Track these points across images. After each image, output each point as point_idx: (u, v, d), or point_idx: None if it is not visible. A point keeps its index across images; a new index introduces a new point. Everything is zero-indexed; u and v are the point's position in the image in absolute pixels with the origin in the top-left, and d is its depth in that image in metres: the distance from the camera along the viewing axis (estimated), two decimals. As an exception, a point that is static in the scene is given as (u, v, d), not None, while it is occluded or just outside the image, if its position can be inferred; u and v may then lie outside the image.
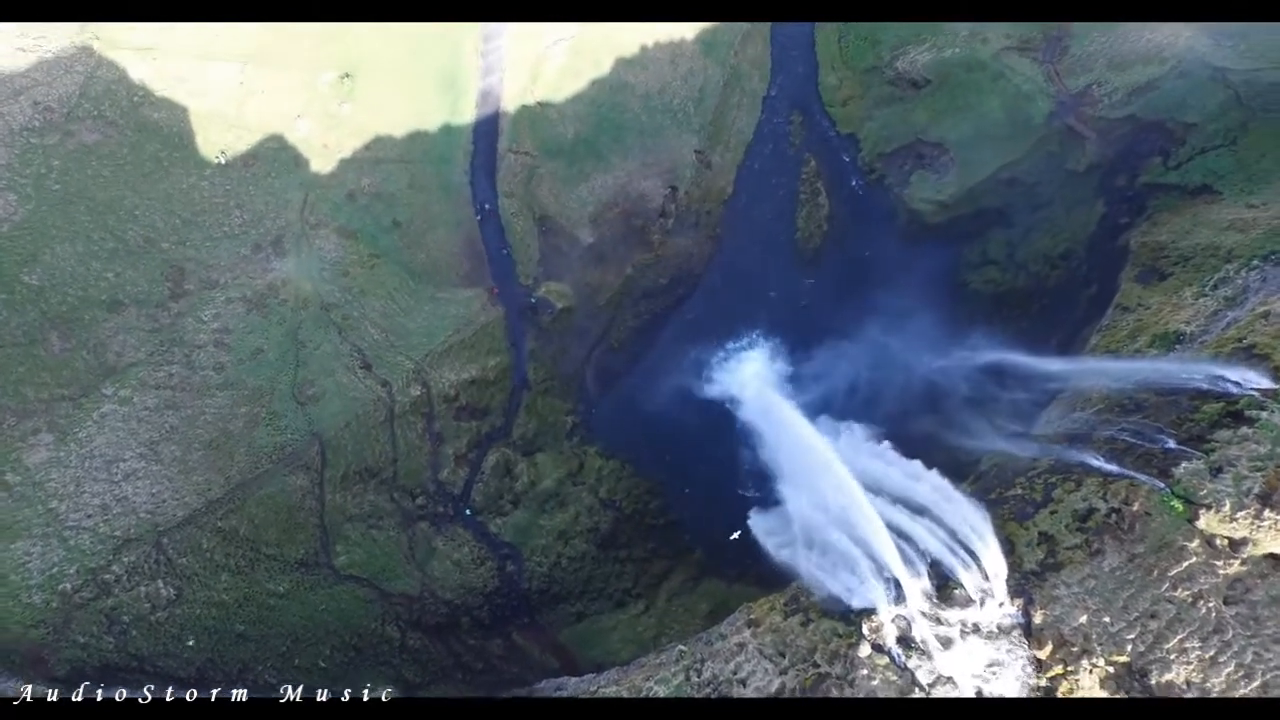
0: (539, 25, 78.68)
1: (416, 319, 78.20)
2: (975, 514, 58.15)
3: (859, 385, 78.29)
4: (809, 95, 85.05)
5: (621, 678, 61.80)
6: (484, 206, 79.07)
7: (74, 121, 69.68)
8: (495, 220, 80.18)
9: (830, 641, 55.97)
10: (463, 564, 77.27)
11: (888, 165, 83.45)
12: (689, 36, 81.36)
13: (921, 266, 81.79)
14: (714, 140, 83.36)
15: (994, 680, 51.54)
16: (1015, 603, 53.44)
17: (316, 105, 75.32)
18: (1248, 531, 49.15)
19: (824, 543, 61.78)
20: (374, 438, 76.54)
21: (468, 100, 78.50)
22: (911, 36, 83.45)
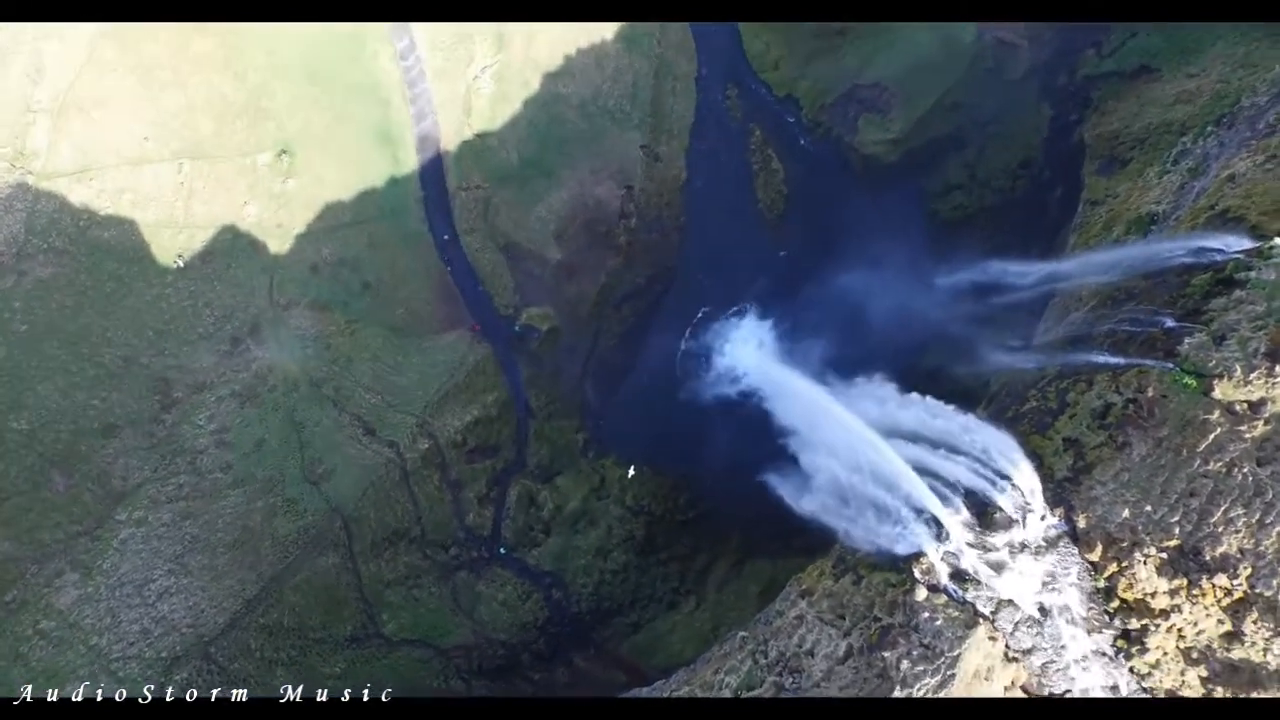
0: (459, 63, 78.44)
1: (408, 374, 77.92)
2: (997, 436, 58.30)
3: (856, 336, 78.45)
4: (739, 66, 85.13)
5: (691, 677, 61.74)
6: (444, 237, 78.83)
7: (25, 260, 69.12)
8: (462, 257, 79.89)
9: (885, 593, 55.97)
10: (509, 603, 77.14)
11: (832, 117, 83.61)
12: (609, 37, 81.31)
13: (889, 207, 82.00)
14: (657, 132, 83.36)
15: (1054, 593, 51.63)
16: (1056, 513, 53.53)
17: (260, 188, 74.97)
18: (1264, 391, 49.35)
19: (857, 498, 61.84)
20: (393, 500, 76.35)
21: (407, 150, 78.23)
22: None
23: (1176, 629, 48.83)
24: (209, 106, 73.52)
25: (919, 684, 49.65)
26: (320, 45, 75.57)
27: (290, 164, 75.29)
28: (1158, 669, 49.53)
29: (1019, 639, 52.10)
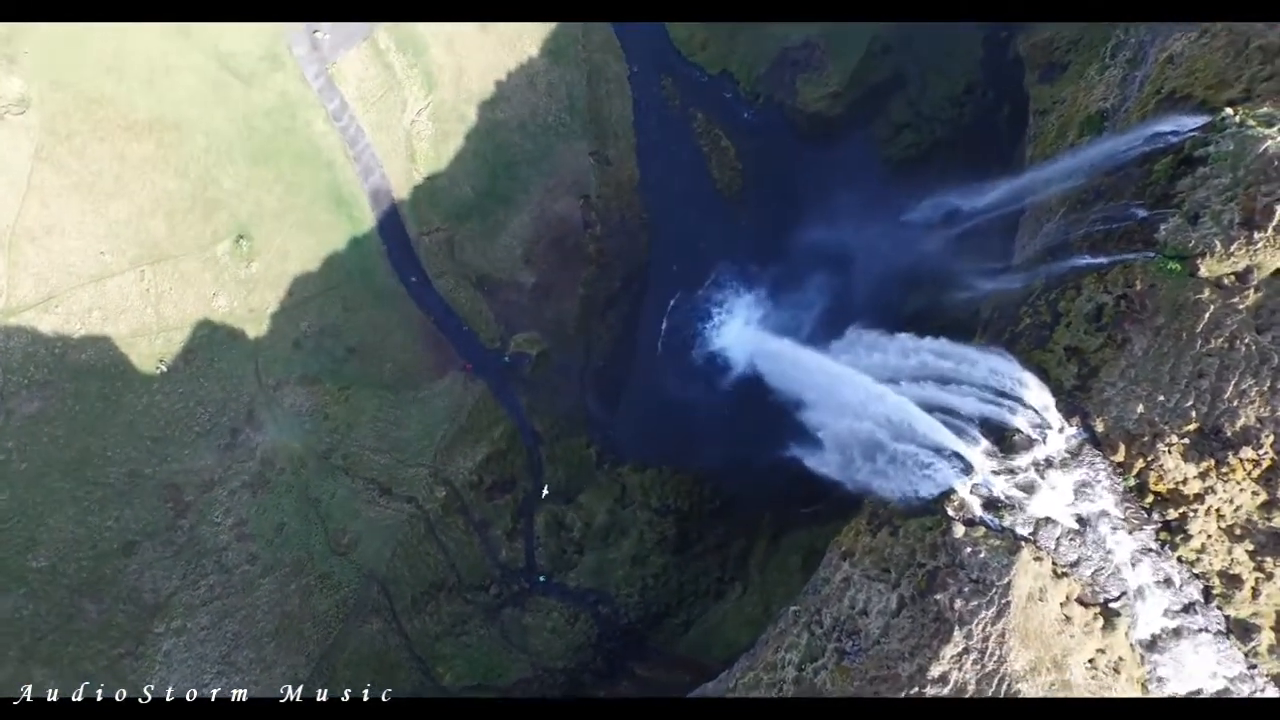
0: (394, 112, 78.24)
1: (410, 427, 77.78)
2: (998, 360, 58.53)
3: (839, 291, 78.82)
4: (668, 55, 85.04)
5: (753, 661, 61.69)
6: (412, 279, 78.61)
7: (9, 399, 68.78)
8: (439, 301, 79.79)
9: (924, 538, 56.01)
10: (559, 628, 77.09)
11: (769, 84, 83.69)
12: (535, 54, 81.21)
13: (844, 160, 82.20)
14: (602, 137, 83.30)
15: (1088, 502, 51.83)
16: (1072, 422, 53.70)
17: (226, 277, 74.72)
18: (1247, 259, 49.57)
19: (876, 451, 61.96)
20: (424, 553, 76.27)
21: (361, 208, 78.02)
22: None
23: (1214, 510, 49.08)
24: (158, 208, 73.22)
25: (976, 619, 49.73)
26: (254, 123, 75.29)
27: (250, 247, 75.05)
28: (1204, 553, 49.81)
29: (1064, 553, 52.28)
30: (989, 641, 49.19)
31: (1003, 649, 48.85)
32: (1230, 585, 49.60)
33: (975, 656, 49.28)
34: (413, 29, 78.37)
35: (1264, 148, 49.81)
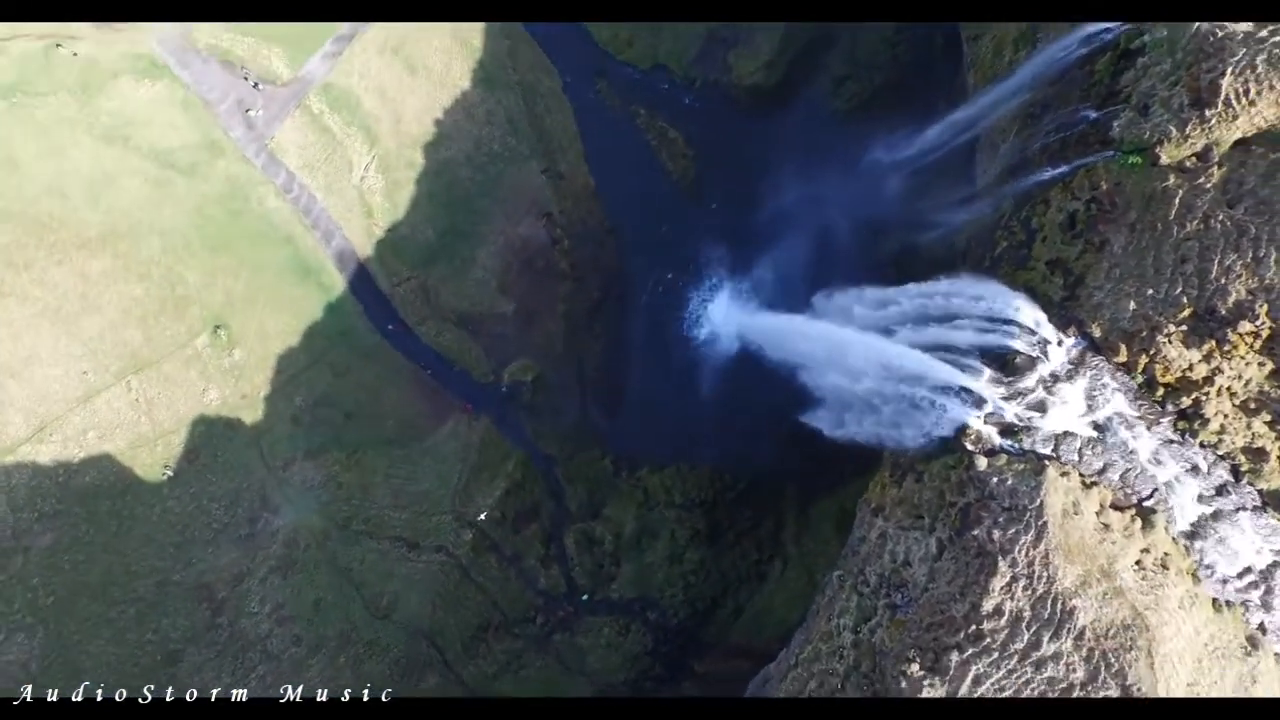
0: (341, 172, 78.03)
1: (424, 478, 77.61)
2: (985, 287, 58.70)
3: (815, 253, 78.92)
4: (597, 59, 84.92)
5: (809, 635, 61.69)
6: (387, 327, 78.34)
7: (23, 536, 68.53)
8: (425, 348, 79.64)
9: (949, 478, 56.10)
10: (612, 643, 77.07)
11: (702, 67, 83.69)
12: (466, 85, 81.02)
13: (793, 125, 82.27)
14: (550, 152, 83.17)
15: (1101, 408, 51.95)
16: (1069, 333, 53.80)
17: (211, 370, 74.46)
18: (1204, 138, 49.80)
19: (884, 403, 62.11)
20: (464, 598, 76.17)
21: (330, 273, 77.81)
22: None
23: (1225, 389, 49.27)
24: (129, 317, 72.95)
25: (1017, 546, 49.84)
26: (206, 213, 75.05)
27: (228, 336, 74.80)
28: (1224, 433, 50.01)
29: (1089, 463, 52.44)
30: (1034, 565, 49.29)
31: (1049, 570, 48.95)
32: (1256, 459, 49.80)
33: (1024, 583, 49.38)
34: (342, 87, 78.16)
35: (1195, 27, 50.07)
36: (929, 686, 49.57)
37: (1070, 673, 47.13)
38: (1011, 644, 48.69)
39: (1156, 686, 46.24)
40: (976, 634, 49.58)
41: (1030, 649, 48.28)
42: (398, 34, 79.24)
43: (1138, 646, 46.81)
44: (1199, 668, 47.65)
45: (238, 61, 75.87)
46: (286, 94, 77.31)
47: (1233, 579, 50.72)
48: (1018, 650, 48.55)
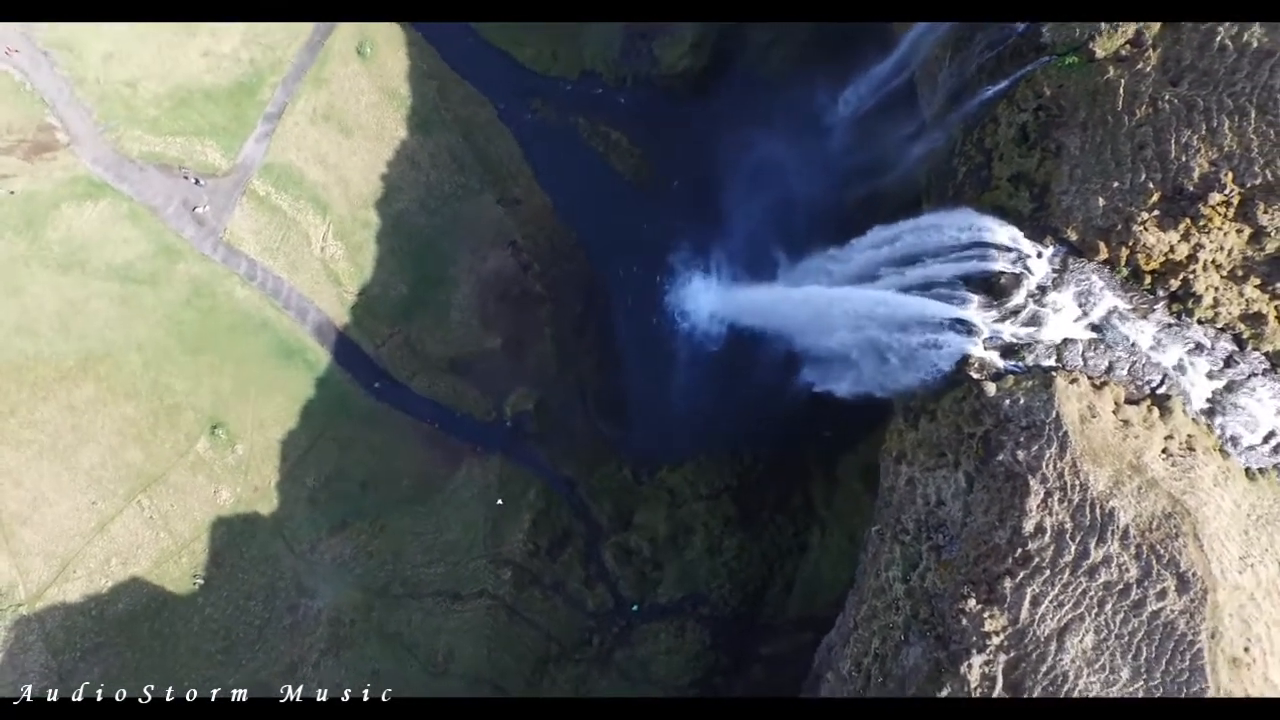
0: (300, 247, 77.71)
1: (451, 527, 77.55)
2: (953, 216, 58.99)
3: (782, 219, 79.12)
4: (526, 79, 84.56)
5: (861, 594, 61.81)
6: (374, 385, 78.16)
7: (69, 677, 68.36)
8: (422, 400, 79.49)
9: (962, 410, 56.29)
10: (673, 646, 77.17)
11: (629, 64, 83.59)
12: (404, 135, 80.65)
13: (731, 99, 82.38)
14: (500, 182, 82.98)
15: (1095, 306, 52.11)
16: (1046, 242, 53.95)
17: (218, 470, 74.21)
18: (1133, 25, 50.06)
19: (884, 352, 62.28)
20: (517, 636, 76.18)
21: (312, 349, 77.48)
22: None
23: (1209, 263, 49.49)
24: (125, 438, 72.67)
25: (1044, 461, 50.03)
26: (178, 319, 74.68)
27: (227, 433, 74.55)
28: (1219, 306, 50.23)
29: (1094, 364, 52.70)
30: (1064, 477, 49.50)
31: (1080, 477, 49.15)
32: (1256, 324, 50.06)
33: (1059, 496, 49.58)
34: (282, 164, 77.83)
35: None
36: (989, 618, 49.75)
37: (1124, 573, 47.34)
38: (1060, 558, 48.86)
39: (1210, 566, 46.47)
40: (1024, 557, 49.76)
41: (1079, 559, 48.45)
42: (325, 100, 79.03)
43: (1183, 532, 47.00)
44: (1246, 539, 47.90)
45: (174, 163, 75.51)
46: (230, 184, 77.01)
47: (1259, 445, 50.99)
48: (1067, 563, 48.72)
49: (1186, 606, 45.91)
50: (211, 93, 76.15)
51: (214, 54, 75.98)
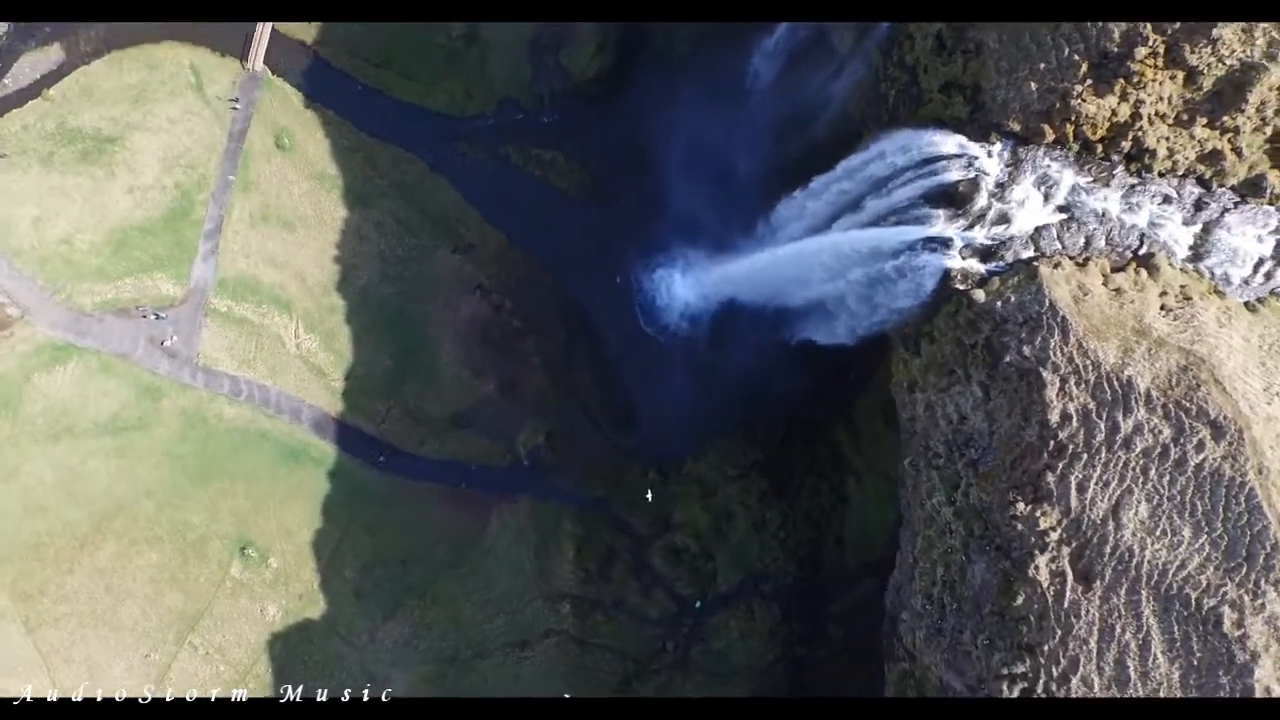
0: (276, 351, 77.32)
1: (499, 580, 77.71)
2: (895, 140, 59.32)
3: (735, 194, 79.24)
4: (447, 125, 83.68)
5: (913, 528, 61.96)
6: (379, 459, 78.24)
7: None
8: (438, 465, 79.36)
9: (958, 323, 56.54)
10: (746, 631, 77.68)
11: (542, 81, 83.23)
12: (344, 213, 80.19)
13: (648, 91, 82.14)
14: (450, 231, 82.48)
15: (1057, 188, 52.43)
16: (991, 139, 54.20)
17: (258, 587, 74.08)
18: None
19: (869, 290, 62.56)
20: (592, 665, 76.66)
21: (315, 445, 77.08)
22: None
23: (1153, 115, 49.80)
24: (159, 584, 72.45)
25: (1051, 350, 50.34)
26: (176, 454, 74.27)
27: (257, 550, 74.35)
28: (1174, 154, 50.65)
29: (1072, 244, 53.13)
30: (1074, 359, 49.79)
31: (1089, 356, 49.44)
32: (1214, 161, 50.49)
33: (1074, 379, 49.88)
34: (235, 276, 77.46)
35: None
36: (1042, 516, 50.02)
37: (1158, 436, 47.64)
38: (1093, 439, 49.14)
39: (1238, 406, 46.75)
40: (1058, 448, 50.04)
41: (1111, 435, 48.74)
42: (258, 202, 78.55)
43: (1203, 381, 47.34)
44: (1265, 370, 48.28)
45: (129, 305, 74.98)
46: (189, 309, 76.59)
47: (1251, 277, 51.44)
48: (1101, 442, 49.02)
49: (1226, 451, 46.22)
50: (146, 227, 75.59)
51: (138, 188, 75.41)
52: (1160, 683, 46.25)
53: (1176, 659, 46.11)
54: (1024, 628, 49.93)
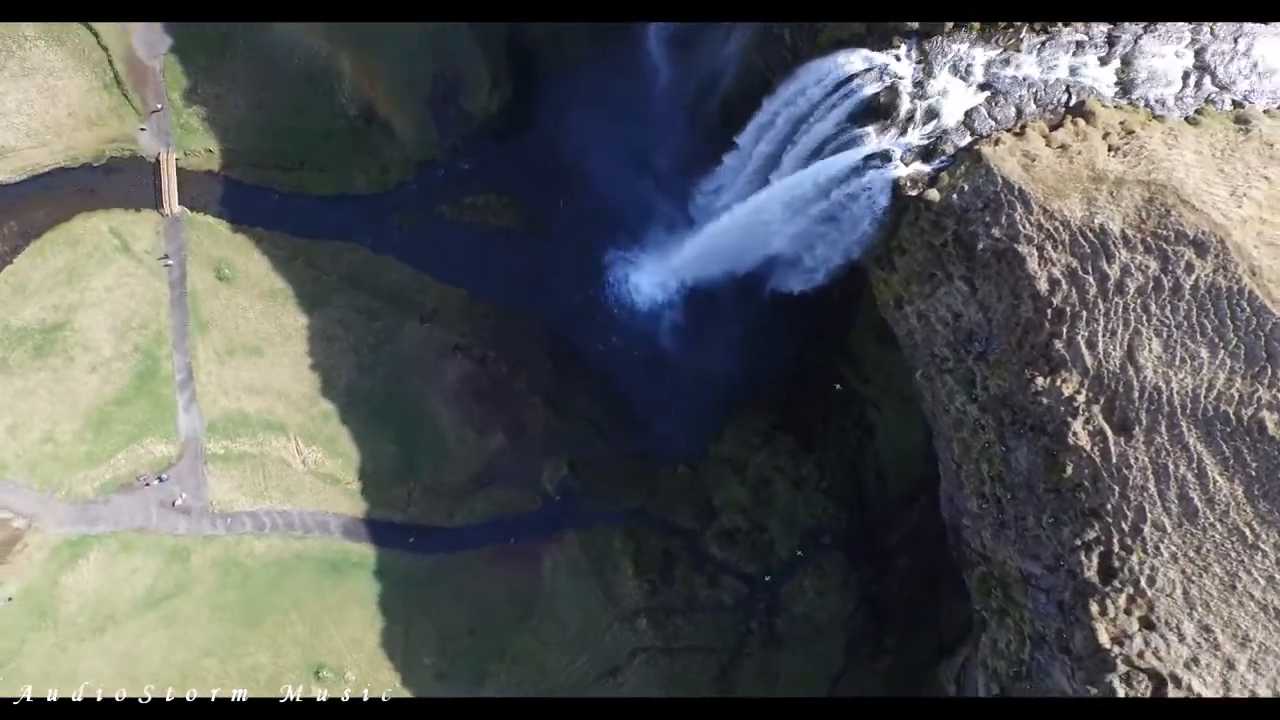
0: (285, 477, 77.20)
1: (569, 618, 77.78)
2: (809, 71, 59.65)
3: (668, 175, 79.77)
4: (372, 204, 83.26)
5: (946, 437, 62.05)
6: (410, 540, 78.42)
7: None
8: (473, 528, 79.08)
9: (921, 227, 56.72)
10: (819, 588, 78.50)
11: (449, 132, 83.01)
12: (306, 319, 78.99)
13: (556, 106, 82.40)
14: (411, 305, 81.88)
15: (972, 66, 52.86)
16: (896, 44, 54.48)
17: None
18: None
19: (827, 226, 62.80)
20: (685, 670, 77.36)
21: (353, 551, 76.43)
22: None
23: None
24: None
25: (1018, 223, 50.63)
26: (221, 604, 73.94)
27: (331, 670, 74.30)
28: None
29: (1004, 116, 53.75)
30: (1044, 225, 50.16)
31: (1055, 218, 49.83)
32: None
33: (1050, 243, 50.22)
34: (221, 415, 77.04)
35: None
36: (1064, 384, 50.22)
37: (1146, 271, 47.99)
38: (1086, 295, 49.43)
39: (1211, 217, 47.03)
40: (1057, 313, 50.29)
41: (1103, 284, 49.02)
42: (219, 339, 77.94)
43: (1170, 205, 47.71)
44: (1225, 176, 48.60)
45: (129, 478, 74.47)
46: (188, 462, 76.20)
47: (1182, 90, 51.76)
48: (1095, 295, 49.31)
49: (1215, 264, 46.54)
50: (120, 399, 75.14)
51: (100, 364, 74.92)
52: (1226, 503, 46.45)
53: (1235, 475, 46.31)
54: (1081, 495, 50.03)
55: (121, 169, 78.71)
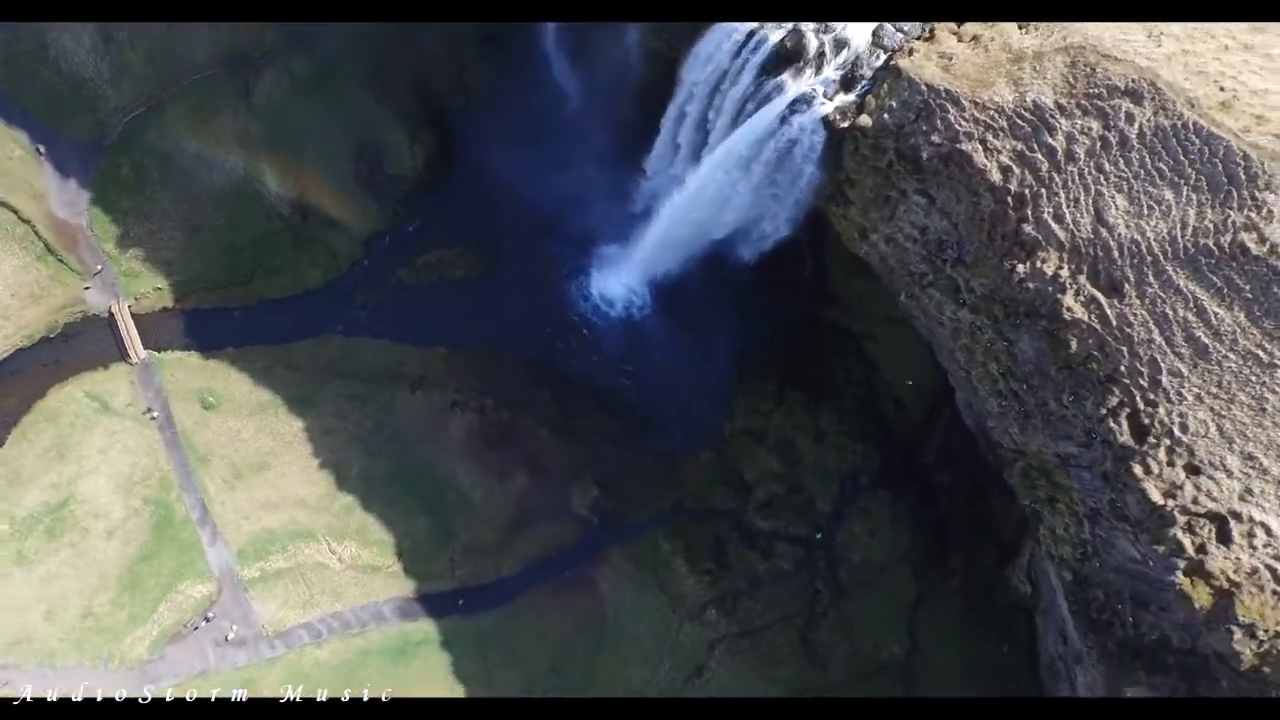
0: (327, 579, 76.96)
1: (640, 632, 77.68)
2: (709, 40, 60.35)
3: (605, 177, 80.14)
4: (333, 292, 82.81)
5: (947, 350, 62.16)
6: (459, 603, 78.49)
7: None
8: (520, 577, 79.06)
9: (864, 155, 57.10)
10: (871, 530, 78.71)
11: (387, 200, 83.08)
12: (302, 423, 78.50)
13: (480, 146, 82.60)
14: (397, 378, 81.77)
15: None
16: None
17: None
18: None
19: (769, 182, 63.01)
20: (767, 648, 77.19)
21: (414, 630, 75.93)
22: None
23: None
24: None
25: (954, 122, 50.97)
26: None
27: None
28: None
29: (910, 27, 53.97)
30: (979, 118, 50.68)
31: (988, 108, 50.34)
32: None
33: (989, 134, 50.77)
34: (248, 537, 76.72)
35: None
36: (1044, 262, 50.44)
37: (1089, 133, 48.42)
38: (1040, 172, 49.92)
39: (1136, 63, 47.28)
40: (1017, 198, 50.76)
41: (1052, 158, 49.57)
42: (222, 466, 77.65)
43: (1093, 63, 48.30)
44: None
45: (177, 628, 73.38)
46: (230, 594, 75.82)
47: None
48: (1048, 170, 49.76)
49: (1153, 106, 46.79)
50: (145, 554, 74.74)
51: (115, 528, 74.41)
52: (1232, 332, 46.52)
53: (1232, 303, 46.46)
54: (1093, 365, 50.17)
55: (79, 332, 78.53)
